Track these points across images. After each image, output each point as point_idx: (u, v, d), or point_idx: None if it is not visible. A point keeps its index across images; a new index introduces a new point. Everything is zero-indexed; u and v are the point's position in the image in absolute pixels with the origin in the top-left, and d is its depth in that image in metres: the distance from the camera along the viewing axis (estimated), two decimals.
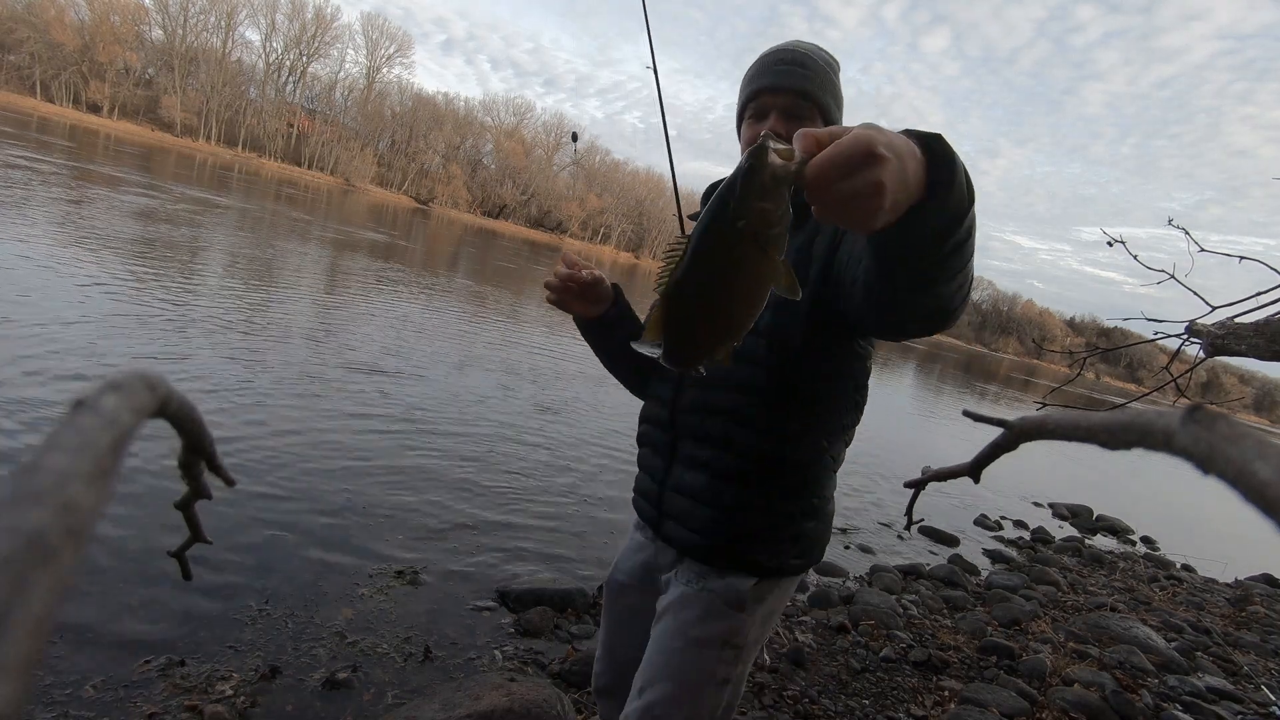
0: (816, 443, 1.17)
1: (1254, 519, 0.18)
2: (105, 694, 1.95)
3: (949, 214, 0.64)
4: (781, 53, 1.19)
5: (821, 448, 1.18)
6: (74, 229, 8.29)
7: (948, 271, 0.72)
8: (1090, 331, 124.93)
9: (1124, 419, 0.23)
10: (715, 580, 1.18)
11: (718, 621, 1.16)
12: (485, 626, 2.76)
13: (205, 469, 0.38)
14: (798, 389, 1.14)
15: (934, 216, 0.64)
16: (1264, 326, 2.14)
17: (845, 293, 0.96)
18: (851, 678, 2.97)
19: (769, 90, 1.16)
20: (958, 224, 0.66)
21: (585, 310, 1.27)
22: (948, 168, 0.62)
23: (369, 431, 4.48)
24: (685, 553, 1.21)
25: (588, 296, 1.25)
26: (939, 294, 0.76)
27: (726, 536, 1.17)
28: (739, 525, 1.17)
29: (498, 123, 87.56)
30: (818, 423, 1.16)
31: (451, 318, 9.95)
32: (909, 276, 0.74)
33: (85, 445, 0.16)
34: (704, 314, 0.72)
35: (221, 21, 65.94)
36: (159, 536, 2.66)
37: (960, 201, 0.65)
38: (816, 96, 1.16)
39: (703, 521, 1.18)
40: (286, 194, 29.60)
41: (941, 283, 0.74)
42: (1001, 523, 6.75)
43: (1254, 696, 3.66)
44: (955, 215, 0.65)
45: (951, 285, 0.75)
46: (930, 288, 0.74)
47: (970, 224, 0.68)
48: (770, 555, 1.18)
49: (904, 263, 0.72)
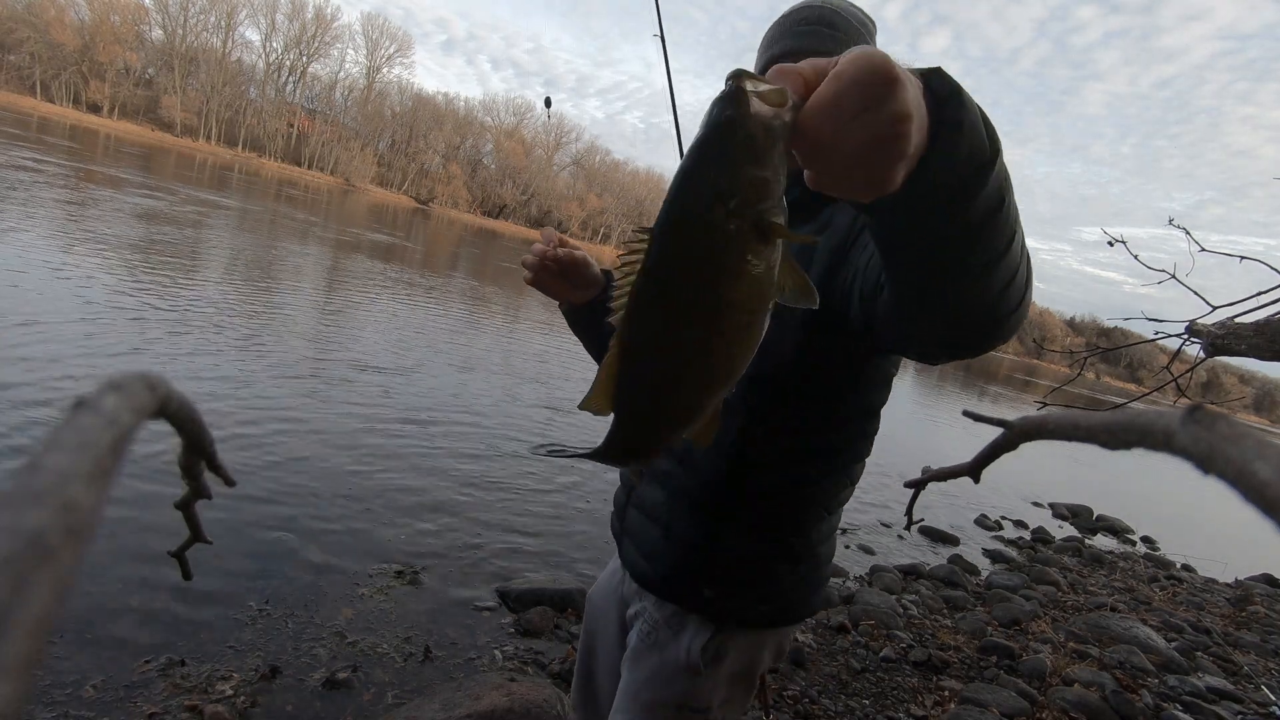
0: (801, 474, 0.99)
1: (1254, 519, 0.18)
2: (105, 694, 1.95)
3: (962, 162, 0.48)
4: (805, 9, 0.99)
5: (808, 480, 0.99)
6: (77, 230, 8.28)
7: (980, 253, 0.54)
8: (1090, 331, 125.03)
9: (1124, 419, 0.23)
10: (665, 634, 1.04)
11: (667, 687, 1.03)
12: (485, 626, 2.76)
13: (205, 469, 0.38)
14: (783, 409, 0.96)
15: (942, 169, 0.48)
16: (1264, 326, 2.14)
17: (866, 308, 0.77)
18: (851, 678, 2.98)
19: (790, 55, 0.94)
20: (978, 178, 0.49)
21: (569, 294, 1.09)
22: (954, 102, 0.47)
23: (370, 431, 4.48)
24: (638, 581, 1.08)
25: (571, 279, 1.06)
26: (975, 290, 0.56)
27: (676, 567, 1.02)
28: (692, 556, 1.01)
29: (498, 123, 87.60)
30: (807, 452, 0.98)
31: (453, 318, 9.95)
32: (923, 262, 0.56)
33: (85, 445, 0.16)
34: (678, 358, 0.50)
35: (221, 21, 65.98)
36: (159, 537, 2.66)
37: (977, 147, 0.49)
38: None
39: (654, 545, 1.04)
40: (287, 194, 29.60)
41: (976, 271, 0.55)
42: (1001, 523, 6.75)
43: (1254, 696, 3.66)
44: (973, 165, 0.49)
45: (993, 277, 0.56)
46: (960, 279, 0.55)
47: (1000, 182, 0.51)
48: (726, 599, 1.00)
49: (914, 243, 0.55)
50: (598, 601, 1.26)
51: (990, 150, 0.50)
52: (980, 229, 0.52)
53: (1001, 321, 0.60)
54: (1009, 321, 0.60)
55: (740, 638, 1.03)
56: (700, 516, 1.00)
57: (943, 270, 0.55)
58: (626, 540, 1.11)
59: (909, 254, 0.57)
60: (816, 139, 0.42)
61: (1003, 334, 0.62)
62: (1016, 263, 0.57)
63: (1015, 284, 0.58)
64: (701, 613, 1.02)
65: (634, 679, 1.05)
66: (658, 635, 1.04)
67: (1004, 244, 0.54)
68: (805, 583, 1.04)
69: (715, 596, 1.00)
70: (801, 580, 1.04)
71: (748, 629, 1.03)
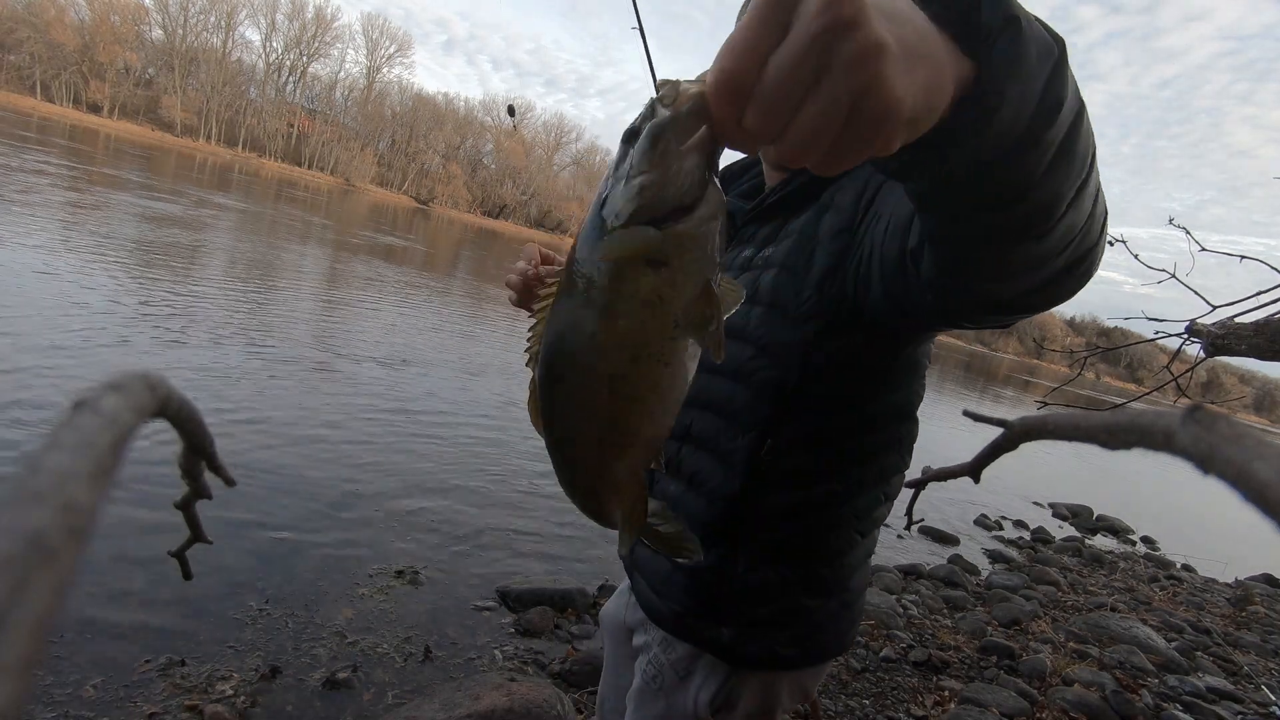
0: (826, 492, 0.87)
1: (1254, 519, 0.18)
2: (105, 694, 1.95)
3: (1032, 69, 0.37)
4: None
5: (834, 498, 0.88)
6: (77, 230, 8.29)
7: (1072, 175, 0.42)
8: (1090, 331, 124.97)
9: (1124, 419, 0.23)
10: (671, 678, 0.94)
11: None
12: (485, 626, 2.76)
13: (206, 469, 0.38)
14: (797, 419, 0.85)
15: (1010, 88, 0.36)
16: (1264, 326, 2.14)
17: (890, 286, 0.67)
18: (851, 677, 2.97)
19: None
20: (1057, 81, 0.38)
21: None
22: (1010, 33, 0.36)
23: (371, 431, 4.48)
24: (650, 616, 0.99)
25: None
26: (1068, 225, 0.44)
27: (688, 603, 0.92)
28: (706, 590, 0.90)
29: (498, 123, 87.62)
30: (831, 466, 0.87)
31: (454, 318, 9.95)
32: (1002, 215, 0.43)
33: (86, 445, 0.16)
34: (577, 399, 0.43)
35: (221, 21, 66.02)
36: (159, 537, 2.66)
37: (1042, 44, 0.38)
38: None
39: (664, 577, 0.95)
40: (288, 195, 29.60)
41: (1066, 202, 0.43)
42: (1001, 523, 6.75)
43: (1254, 696, 3.66)
44: (1045, 67, 0.38)
45: (1082, 200, 0.44)
46: (1049, 220, 0.43)
47: (1072, 78, 0.40)
48: (744, 638, 0.89)
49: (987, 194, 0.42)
50: (607, 623, 1.20)
51: (1057, 49, 0.38)
52: (1069, 149, 0.40)
53: (1095, 246, 0.49)
54: (1099, 247, 0.49)
55: (755, 679, 0.93)
56: (712, 543, 0.89)
57: (1029, 218, 0.43)
58: (636, 574, 1.02)
59: (980, 213, 0.44)
60: (731, 91, 0.31)
61: (1096, 261, 0.50)
62: (1097, 175, 0.45)
63: (1100, 201, 0.47)
64: (717, 655, 0.92)
65: (639, 717, 0.98)
66: (663, 679, 0.96)
67: (1090, 156, 0.43)
68: (836, 619, 0.93)
69: (734, 638, 0.89)
70: (832, 616, 0.92)
71: (765, 669, 0.92)
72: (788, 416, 0.85)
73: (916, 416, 0.92)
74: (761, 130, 0.31)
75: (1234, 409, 18.03)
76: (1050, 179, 0.41)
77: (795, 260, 0.84)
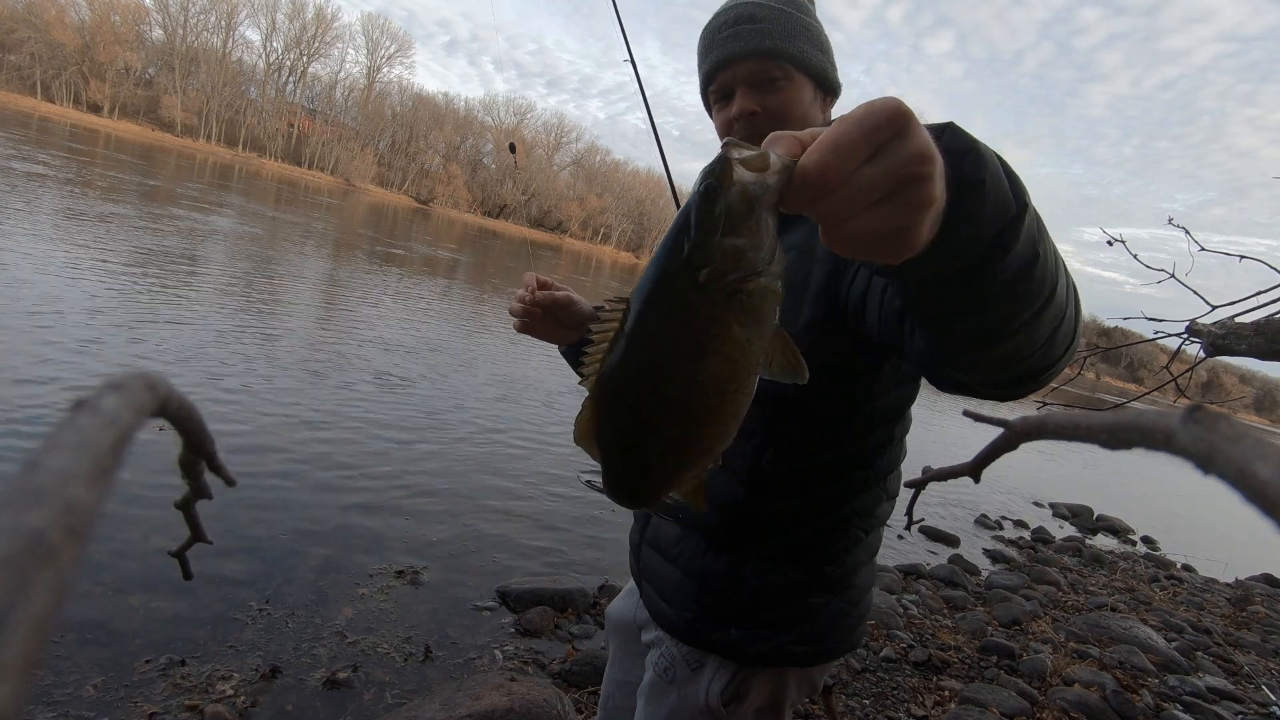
0: (829, 493, 0.91)
1: (1254, 519, 0.18)
2: (105, 694, 1.95)
3: (987, 221, 0.45)
4: (725, 13, 0.95)
5: (837, 499, 0.92)
6: (77, 231, 8.28)
7: (1021, 309, 0.50)
8: (1090, 331, 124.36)
9: (1124, 419, 0.23)
10: (683, 670, 0.98)
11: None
12: (485, 626, 2.76)
13: (206, 469, 0.37)
14: (796, 425, 0.89)
15: (966, 229, 0.44)
16: (1264, 326, 2.13)
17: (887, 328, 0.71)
18: (852, 678, 2.97)
19: (723, 65, 0.94)
20: (1007, 236, 0.46)
21: (561, 336, 1.06)
22: (972, 157, 0.45)
23: (371, 432, 4.48)
24: (660, 625, 1.02)
25: (559, 319, 1.02)
26: (1020, 343, 0.52)
27: (698, 609, 0.95)
28: (714, 595, 0.94)
29: (498, 122, 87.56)
30: (832, 468, 0.91)
31: (456, 318, 9.95)
32: (959, 324, 0.52)
33: (86, 445, 0.16)
34: (656, 421, 0.48)
35: (222, 21, 65.98)
36: (159, 537, 2.66)
37: (1002, 203, 0.46)
38: (783, 50, 0.91)
39: (672, 586, 0.99)
40: (295, 197, 29.60)
41: (1017, 328, 0.51)
42: (1001, 523, 6.75)
43: (1254, 696, 3.66)
44: (1000, 222, 0.46)
45: (1037, 329, 0.52)
46: (1002, 338, 0.52)
47: (1032, 235, 0.48)
48: (753, 637, 0.93)
49: (947, 308, 0.51)
50: (614, 621, 1.22)
51: (1017, 204, 0.47)
52: (1016, 286, 0.48)
53: (1052, 365, 0.57)
54: (1059, 365, 0.58)
55: (765, 673, 0.96)
56: (719, 550, 0.94)
57: (981, 333, 0.51)
58: (645, 583, 1.05)
59: (942, 319, 0.53)
60: (823, 182, 0.37)
61: (1054, 375, 0.59)
62: (1062, 309, 0.53)
63: (1062, 329, 0.55)
64: (728, 656, 0.95)
65: (651, 716, 1.01)
66: (676, 672, 0.99)
67: (1045, 295, 0.51)
68: (844, 616, 0.96)
69: (743, 639, 0.93)
70: (840, 613, 0.95)
71: (773, 665, 0.96)
72: (785, 424, 0.89)
73: (909, 413, 0.96)
74: (827, 217, 0.39)
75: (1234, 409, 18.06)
76: (1001, 303, 0.49)
77: (794, 276, 0.85)
